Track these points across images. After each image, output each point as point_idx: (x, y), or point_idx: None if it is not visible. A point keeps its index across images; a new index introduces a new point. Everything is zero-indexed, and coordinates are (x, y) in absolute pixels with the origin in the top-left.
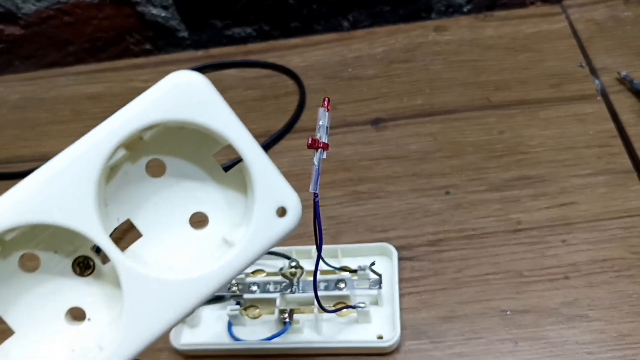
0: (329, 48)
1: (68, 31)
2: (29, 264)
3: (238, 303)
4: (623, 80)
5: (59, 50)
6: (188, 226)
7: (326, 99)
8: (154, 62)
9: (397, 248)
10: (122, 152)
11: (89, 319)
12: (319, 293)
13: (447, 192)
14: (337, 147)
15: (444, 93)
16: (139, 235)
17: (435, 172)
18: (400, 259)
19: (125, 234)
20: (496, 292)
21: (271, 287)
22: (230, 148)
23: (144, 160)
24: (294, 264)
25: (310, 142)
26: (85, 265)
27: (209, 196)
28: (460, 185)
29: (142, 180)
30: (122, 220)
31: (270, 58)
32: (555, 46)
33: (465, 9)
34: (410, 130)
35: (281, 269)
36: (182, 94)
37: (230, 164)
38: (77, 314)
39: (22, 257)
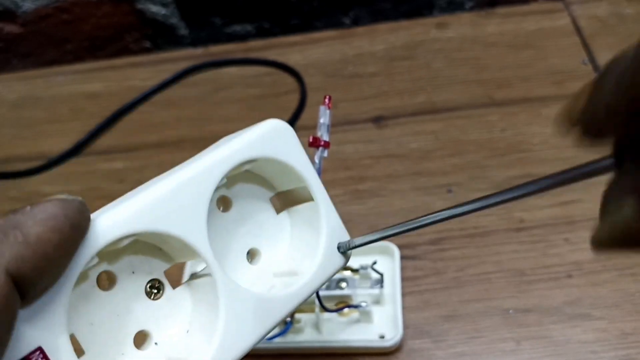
0: (330, 45)
1: (66, 29)
2: (104, 282)
3: None
4: None
5: (57, 48)
6: (244, 259)
7: (327, 96)
8: (153, 61)
9: (399, 247)
10: (223, 181)
11: (155, 343)
12: (321, 292)
13: (449, 191)
14: (338, 145)
15: (445, 91)
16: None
17: (436, 171)
18: (402, 257)
19: None
20: (498, 291)
21: None
22: (278, 194)
23: (216, 196)
24: None
25: (311, 140)
26: (157, 288)
27: (263, 233)
28: (462, 183)
29: (214, 213)
30: None
31: (270, 55)
32: (557, 43)
33: (466, 6)
34: (412, 128)
35: None
36: (275, 138)
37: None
38: (144, 338)
39: (100, 274)
